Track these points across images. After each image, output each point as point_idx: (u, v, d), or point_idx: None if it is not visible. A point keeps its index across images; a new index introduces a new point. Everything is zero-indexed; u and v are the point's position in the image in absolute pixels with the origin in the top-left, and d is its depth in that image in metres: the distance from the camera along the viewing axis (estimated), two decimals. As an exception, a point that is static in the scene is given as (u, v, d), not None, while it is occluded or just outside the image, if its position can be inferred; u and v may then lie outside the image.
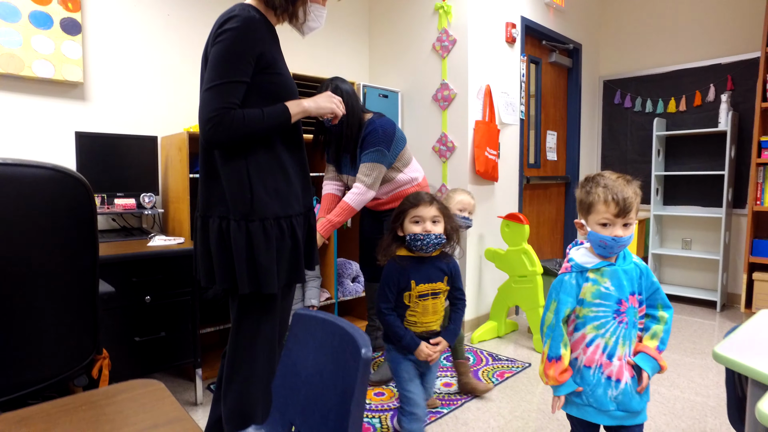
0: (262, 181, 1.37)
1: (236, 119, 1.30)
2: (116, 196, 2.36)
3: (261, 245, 1.35)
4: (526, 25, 3.59)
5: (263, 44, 1.35)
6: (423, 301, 1.65)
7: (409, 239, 1.62)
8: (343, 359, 0.94)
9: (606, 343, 1.30)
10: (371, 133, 2.26)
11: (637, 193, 1.29)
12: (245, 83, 1.33)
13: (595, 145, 4.66)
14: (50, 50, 2.26)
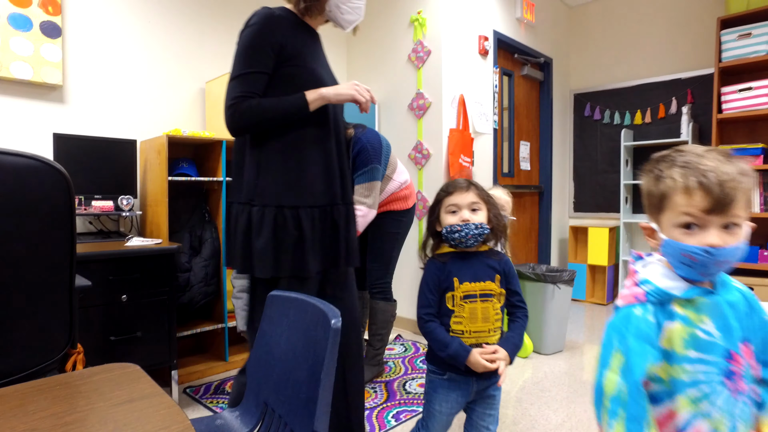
0: (271, 170, 1.40)
1: (252, 106, 1.35)
2: (94, 198, 2.37)
3: (256, 229, 1.38)
4: (499, 39, 3.73)
5: (283, 37, 1.39)
6: (470, 304, 1.36)
7: (445, 232, 1.37)
8: (314, 334, 0.99)
9: (714, 429, 0.77)
10: (361, 153, 2.25)
11: (746, 175, 0.75)
12: (265, 74, 1.38)
13: (567, 155, 4.82)
14: (29, 52, 2.28)
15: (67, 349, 1.45)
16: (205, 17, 3.01)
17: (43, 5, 2.32)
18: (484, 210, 1.40)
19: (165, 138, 2.38)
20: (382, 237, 2.43)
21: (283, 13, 1.45)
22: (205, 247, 2.57)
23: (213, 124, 2.89)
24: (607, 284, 4.26)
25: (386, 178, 2.38)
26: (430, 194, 3.30)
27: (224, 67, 3.11)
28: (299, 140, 1.43)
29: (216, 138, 2.56)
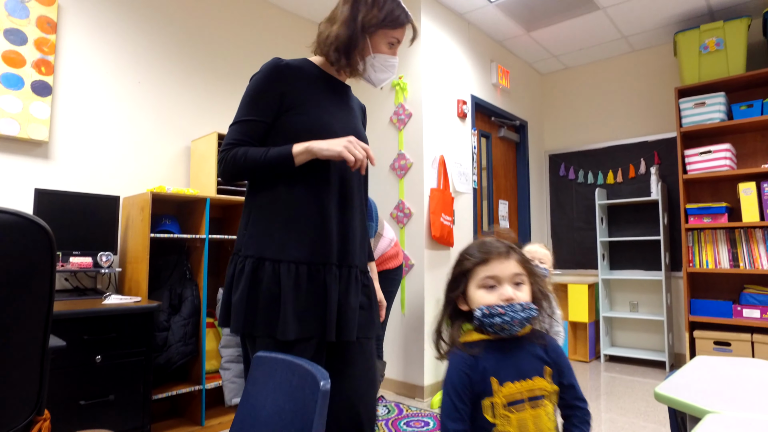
0: (259, 220, 1.33)
1: (239, 154, 1.30)
2: (72, 254, 2.33)
3: (236, 280, 1.31)
4: (476, 103, 3.93)
5: (286, 86, 1.34)
6: (517, 413, 1.01)
7: (481, 315, 1.04)
8: (301, 396, 0.97)
9: None
10: None
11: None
12: (263, 122, 1.33)
13: (545, 213, 4.96)
14: (18, 109, 2.31)
15: (33, 416, 1.38)
16: (192, 78, 3.11)
17: (36, 65, 2.38)
18: (528, 283, 1.10)
19: (149, 194, 2.39)
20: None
21: (295, 63, 1.40)
22: (185, 306, 2.52)
23: (197, 181, 2.91)
24: (589, 341, 4.26)
25: (378, 236, 2.42)
26: (413, 253, 3.33)
27: (210, 127, 3.18)
28: (289, 193, 1.33)
29: (200, 195, 2.58)
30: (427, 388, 3.21)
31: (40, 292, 1.31)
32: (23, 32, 2.34)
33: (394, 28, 1.40)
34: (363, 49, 1.39)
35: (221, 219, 3.11)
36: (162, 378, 2.57)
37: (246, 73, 3.42)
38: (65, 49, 2.55)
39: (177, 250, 2.72)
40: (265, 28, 3.57)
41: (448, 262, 3.49)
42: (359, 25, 1.37)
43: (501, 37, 4.19)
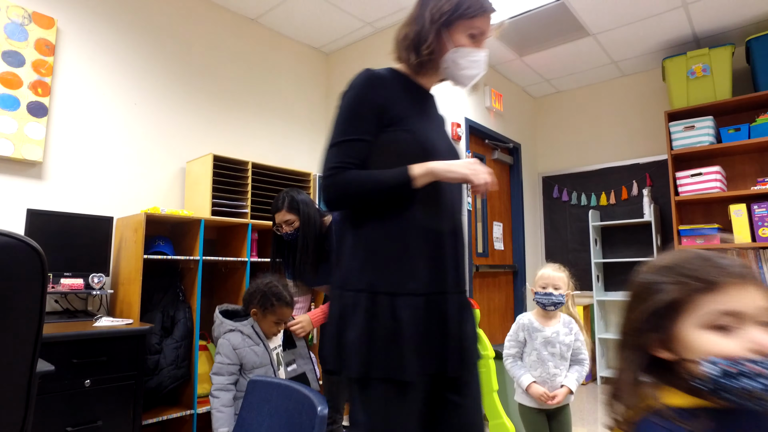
0: (368, 251, 1.20)
1: (349, 179, 1.18)
2: (63, 275, 2.30)
3: (348, 319, 1.16)
4: (470, 126, 3.97)
5: (385, 99, 1.23)
6: None
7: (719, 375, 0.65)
8: (298, 421, 0.95)
9: None
10: None
11: None
12: (366, 141, 1.21)
13: (539, 235, 4.97)
14: (13, 130, 2.31)
15: (20, 442, 1.34)
16: (188, 100, 3.13)
17: (33, 87, 2.38)
18: None
19: (143, 216, 2.37)
20: None
21: (387, 74, 1.28)
22: (177, 328, 2.48)
23: (192, 203, 2.90)
24: (585, 364, 4.23)
25: None
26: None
27: (205, 148, 3.19)
28: (402, 221, 1.21)
29: (194, 217, 2.57)
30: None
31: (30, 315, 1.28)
32: (21, 54, 2.36)
33: (472, 17, 1.27)
34: (439, 44, 1.27)
35: (215, 240, 3.09)
36: (152, 402, 2.51)
37: (241, 95, 3.45)
38: (63, 71, 2.56)
39: (170, 271, 2.70)
40: (262, 52, 3.62)
41: (443, 284, 3.48)
42: (428, 18, 1.25)
43: (494, 62, 4.26)
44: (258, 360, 1.87)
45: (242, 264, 2.81)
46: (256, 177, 3.00)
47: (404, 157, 1.20)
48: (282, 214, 2.20)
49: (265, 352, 1.90)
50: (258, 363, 1.87)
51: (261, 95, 3.58)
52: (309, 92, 3.95)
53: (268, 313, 1.92)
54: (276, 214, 2.23)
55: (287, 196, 2.22)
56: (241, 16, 3.49)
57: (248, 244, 2.79)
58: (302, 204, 2.20)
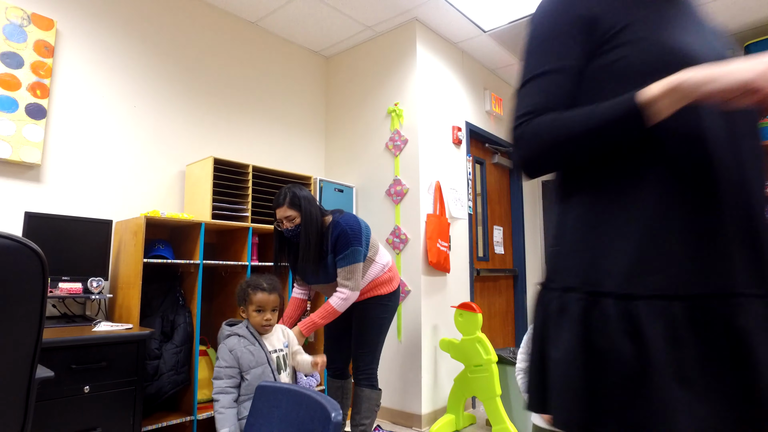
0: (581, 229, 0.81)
1: (544, 126, 0.80)
2: (61, 279, 2.26)
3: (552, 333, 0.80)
4: (471, 129, 3.97)
5: (595, 5, 0.82)
6: None
7: None
8: (310, 428, 0.92)
9: None
10: (341, 236, 2.23)
11: None
12: (570, 71, 0.82)
13: (539, 239, 4.96)
14: (11, 132, 2.27)
15: (15, 453, 1.30)
16: (188, 103, 3.11)
17: (31, 89, 2.35)
18: None
19: (143, 219, 2.34)
20: (370, 323, 2.37)
21: None
22: (177, 333, 2.44)
23: (192, 206, 2.87)
24: (585, 369, 4.21)
25: (369, 261, 2.37)
26: (409, 279, 3.30)
27: (205, 151, 3.16)
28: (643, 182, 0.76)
29: (195, 220, 2.54)
30: (424, 417, 3.13)
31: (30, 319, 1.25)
32: (20, 56, 2.33)
33: None
34: None
35: (215, 244, 3.06)
36: (152, 408, 2.47)
37: (241, 98, 3.43)
38: (61, 72, 2.53)
39: (170, 275, 2.66)
40: (262, 55, 3.60)
41: (444, 289, 3.46)
42: None
43: (494, 66, 4.27)
44: (254, 359, 1.86)
45: (243, 268, 2.78)
46: (257, 180, 2.97)
47: (627, 80, 0.78)
48: (283, 210, 2.21)
49: (260, 351, 1.88)
50: (254, 362, 1.85)
51: (261, 98, 3.56)
52: (309, 96, 3.94)
53: (248, 304, 1.91)
54: (277, 209, 2.24)
55: (289, 192, 2.22)
56: (241, 19, 3.47)
57: (249, 247, 2.76)
58: (304, 200, 2.21)
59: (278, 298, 1.93)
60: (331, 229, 2.26)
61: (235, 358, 1.85)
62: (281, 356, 1.98)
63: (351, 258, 2.24)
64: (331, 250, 2.25)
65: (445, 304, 3.44)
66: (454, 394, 3.10)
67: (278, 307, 1.95)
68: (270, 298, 1.91)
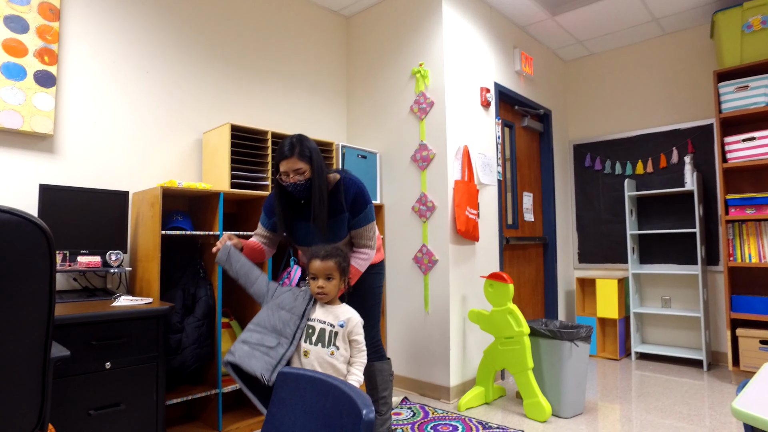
0: None
1: None
2: (80, 253, 2.20)
3: None
4: (500, 91, 3.74)
5: None
6: None
7: None
8: (338, 423, 0.82)
9: None
10: (359, 194, 2.07)
11: None
12: None
13: (570, 206, 4.75)
14: (20, 101, 2.18)
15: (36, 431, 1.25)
16: (203, 67, 2.97)
17: (39, 55, 2.24)
18: None
19: (159, 189, 2.25)
20: (368, 294, 2.22)
21: None
22: (198, 306, 2.38)
23: (210, 175, 2.77)
24: (619, 338, 4.07)
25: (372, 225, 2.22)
26: (437, 248, 3.17)
27: (222, 118, 3.04)
28: None
29: (213, 190, 2.44)
30: (453, 389, 3.05)
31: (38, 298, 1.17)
32: (24, 19, 2.21)
33: None
34: None
35: (236, 214, 2.97)
36: (176, 381, 2.44)
37: (259, 61, 3.27)
38: (69, 37, 2.41)
39: (189, 247, 2.59)
40: (279, 16, 3.41)
41: (473, 258, 3.32)
42: None
43: (524, 22, 3.98)
44: (290, 304, 1.78)
45: (264, 239, 2.69)
46: (276, 147, 2.84)
47: None
48: (291, 162, 1.94)
49: (302, 306, 1.78)
50: (288, 305, 1.78)
51: (280, 62, 3.40)
52: (329, 58, 3.75)
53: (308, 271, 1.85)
54: (283, 161, 1.95)
55: (297, 142, 1.96)
56: (255, -24, 3.28)
57: (270, 218, 2.66)
58: (314, 152, 1.97)
59: (334, 266, 1.77)
60: (343, 187, 2.07)
61: (278, 293, 1.83)
62: (328, 330, 1.76)
63: (370, 216, 2.10)
64: (347, 209, 2.07)
65: (473, 274, 3.31)
66: (483, 366, 3.01)
67: (334, 276, 1.78)
68: (321, 265, 1.76)
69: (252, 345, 1.69)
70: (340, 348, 1.74)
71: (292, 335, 1.73)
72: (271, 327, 1.74)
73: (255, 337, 1.71)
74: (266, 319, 1.76)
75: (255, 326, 1.76)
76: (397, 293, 3.37)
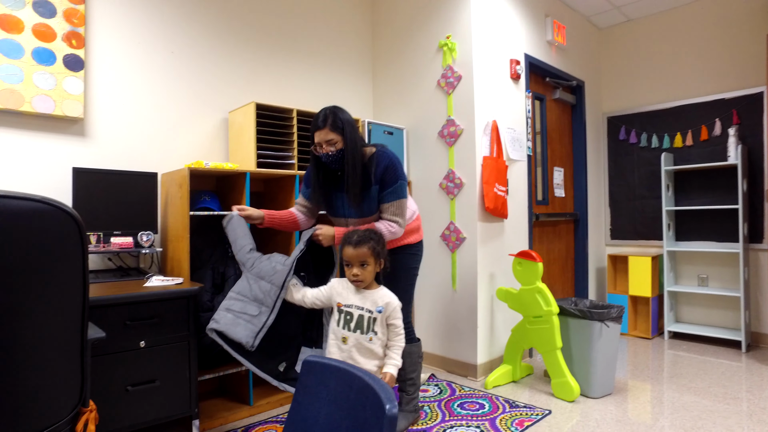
0: None
1: None
2: (113, 234, 2.26)
3: None
4: (530, 62, 3.60)
5: None
6: None
7: None
8: (362, 415, 0.81)
9: None
10: (390, 168, 2.05)
11: None
12: None
13: (602, 181, 4.60)
14: (51, 86, 2.22)
15: (79, 408, 1.31)
16: (227, 46, 2.95)
17: (67, 39, 2.26)
18: None
19: (186, 170, 2.27)
20: (401, 274, 2.21)
21: None
22: (228, 285, 2.43)
23: (237, 155, 2.78)
24: (652, 316, 3.97)
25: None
26: (465, 225, 3.13)
27: (248, 96, 3.03)
28: None
29: (240, 170, 2.45)
30: (480, 367, 3.05)
31: (74, 283, 1.20)
32: (51, 3, 2.22)
33: None
34: None
35: (262, 193, 2.99)
36: (209, 358, 2.51)
37: (283, 39, 3.23)
38: (95, 19, 2.42)
39: (218, 227, 2.62)
40: (302, -11, 3.34)
41: (501, 236, 3.27)
42: None
43: (557, -13, 3.79)
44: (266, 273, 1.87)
45: (291, 219, 2.70)
46: (302, 125, 2.82)
47: None
48: (324, 133, 1.98)
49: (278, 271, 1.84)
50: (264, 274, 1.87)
51: (304, 38, 3.35)
52: (354, 33, 3.67)
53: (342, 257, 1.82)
54: (316, 132, 2.01)
55: (330, 113, 2.00)
56: (277, -51, 3.20)
57: (296, 195, 2.66)
58: (347, 124, 1.99)
59: (368, 252, 1.75)
60: (375, 160, 2.06)
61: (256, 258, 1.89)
62: (366, 317, 1.77)
63: (400, 192, 2.06)
64: (377, 182, 2.06)
65: (502, 252, 3.27)
66: (511, 344, 2.99)
67: (369, 262, 1.76)
68: (354, 252, 1.74)
69: (235, 313, 1.81)
70: (378, 333, 1.77)
71: (272, 304, 1.82)
72: (252, 296, 1.85)
73: (237, 306, 1.83)
74: (247, 288, 1.87)
75: (237, 294, 1.86)
76: (425, 271, 3.36)
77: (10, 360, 1.07)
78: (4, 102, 2.10)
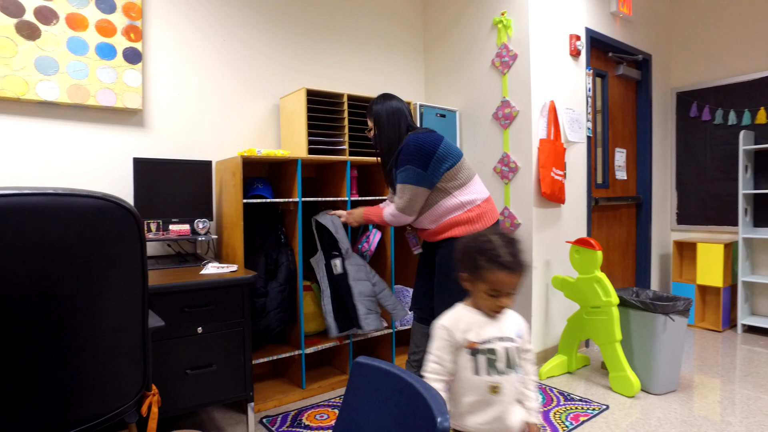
0: None
1: None
2: (171, 221, 2.34)
3: None
4: (591, 37, 3.38)
5: None
6: None
7: None
8: (412, 424, 0.79)
9: None
10: (402, 151, 2.09)
11: None
12: None
13: (669, 162, 4.31)
14: (113, 79, 2.30)
15: (143, 392, 1.37)
16: (277, 32, 2.95)
17: (126, 33, 2.33)
18: None
19: (239, 158, 2.30)
20: (447, 269, 2.08)
21: None
22: (281, 271, 2.47)
23: (288, 141, 2.80)
24: (723, 308, 3.72)
25: (441, 192, 2.07)
26: (519, 211, 3.02)
27: (298, 82, 3.03)
28: None
29: (291, 156, 2.46)
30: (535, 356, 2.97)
31: (134, 274, 1.25)
32: (112, -2, 2.29)
33: None
34: None
35: (314, 179, 3.00)
36: (262, 343, 2.59)
37: (333, 23, 3.19)
38: (150, 12, 2.48)
39: (271, 214, 2.67)
40: (351, -30, 3.28)
41: (558, 222, 3.14)
42: None
43: (623, -46, 3.51)
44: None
45: (343, 203, 2.70)
46: (353, 110, 2.80)
47: None
48: (367, 119, 2.29)
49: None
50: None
51: (352, 20, 3.29)
52: (404, 12, 3.58)
53: (478, 281, 1.32)
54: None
55: (373, 102, 2.25)
56: (326, -71, 3.15)
57: (348, 182, 2.65)
58: (379, 111, 2.20)
59: (522, 278, 1.32)
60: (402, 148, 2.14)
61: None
62: (513, 348, 1.33)
63: (403, 176, 2.08)
64: (395, 164, 2.18)
65: (559, 239, 3.13)
66: (566, 335, 2.88)
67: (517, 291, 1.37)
68: (513, 279, 1.28)
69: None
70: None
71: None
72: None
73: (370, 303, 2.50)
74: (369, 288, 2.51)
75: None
76: (476, 258, 3.28)
77: (80, 350, 1.12)
78: (72, 97, 2.20)
